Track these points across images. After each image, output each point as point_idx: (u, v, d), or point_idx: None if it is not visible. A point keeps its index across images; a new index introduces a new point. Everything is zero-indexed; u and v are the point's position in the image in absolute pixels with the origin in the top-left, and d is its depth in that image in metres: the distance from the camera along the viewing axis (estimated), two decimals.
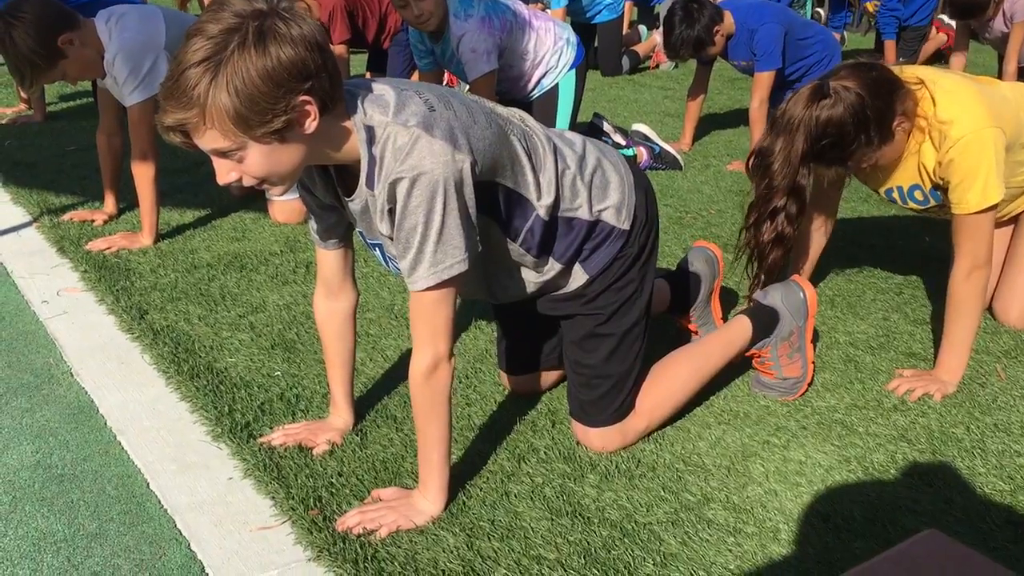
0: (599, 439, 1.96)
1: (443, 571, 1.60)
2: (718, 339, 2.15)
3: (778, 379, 2.20)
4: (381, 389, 2.18)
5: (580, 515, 1.76)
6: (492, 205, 1.71)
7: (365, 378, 2.23)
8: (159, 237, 3.06)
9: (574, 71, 3.88)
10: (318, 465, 1.88)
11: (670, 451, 1.97)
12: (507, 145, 1.68)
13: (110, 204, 3.28)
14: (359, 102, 1.57)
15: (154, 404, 2.12)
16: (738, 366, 2.24)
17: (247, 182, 1.54)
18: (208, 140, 1.46)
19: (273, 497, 1.78)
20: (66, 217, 3.23)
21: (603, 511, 1.77)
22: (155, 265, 2.87)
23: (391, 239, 1.63)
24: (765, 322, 2.17)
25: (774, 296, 2.19)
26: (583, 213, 1.82)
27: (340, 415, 2.01)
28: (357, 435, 1.98)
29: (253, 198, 3.42)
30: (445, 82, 5.51)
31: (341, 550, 1.63)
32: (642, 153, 4.06)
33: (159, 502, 1.78)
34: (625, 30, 6.90)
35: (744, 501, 1.82)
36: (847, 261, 2.98)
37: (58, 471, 1.87)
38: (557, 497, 1.81)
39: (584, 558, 1.64)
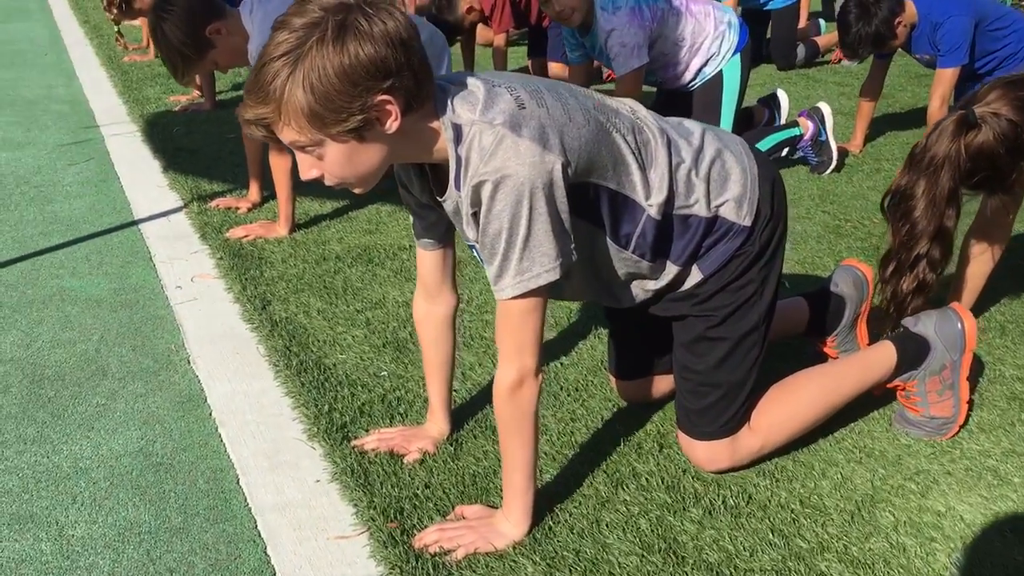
0: (705, 453, 1.80)
1: None
2: (855, 362, 1.94)
3: (924, 417, 1.96)
4: (485, 397, 2.09)
5: (674, 553, 1.61)
6: (594, 211, 1.59)
7: (471, 384, 2.16)
8: (295, 227, 3.10)
9: (738, 56, 3.65)
10: (406, 474, 1.81)
11: (787, 488, 1.79)
12: (608, 143, 1.55)
13: (255, 192, 3.35)
14: (449, 99, 1.49)
15: (259, 397, 2.11)
16: (877, 399, 2.02)
17: (328, 181, 1.49)
18: (287, 135, 1.42)
19: (356, 505, 1.73)
20: (212, 204, 3.33)
21: (701, 551, 1.62)
22: (287, 255, 2.90)
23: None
24: (913, 352, 1.94)
25: (926, 324, 1.96)
26: (700, 209, 1.67)
27: (436, 423, 1.93)
28: (451, 445, 1.91)
29: (392, 189, 3.41)
30: (606, 76, 5.38)
31: (413, 568, 1.56)
32: (808, 128, 3.78)
33: (245, 500, 1.76)
34: (803, 23, 6.54)
35: (865, 554, 1.62)
36: (1022, 279, 2.66)
37: (157, 459, 1.89)
38: (652, 531, 1.67)
39: None
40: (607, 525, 1.68)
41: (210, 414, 2.05)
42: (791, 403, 1.85)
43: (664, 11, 3.49)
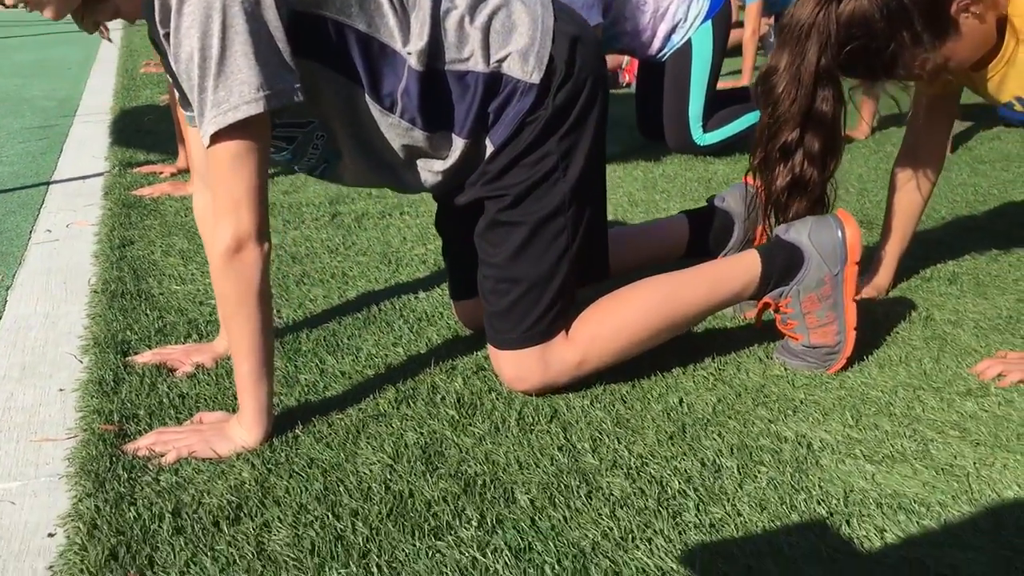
0: (512, 366, 1.51)
1: (207, 509, 1.22)
2: (706, 271, 1.62)
3: (805, 345, 1.63)
4: (307, 322, 1.84)
5: (427, 463, 1.32)
6: (344, 59, 1.35)
7: (304, 311, 1.90)
8: None
9: (709, 23, 3.34)
10: (164, 386, 1.56)
11: (606, 409, 1.48)
12: None
13: (182, 158, 3.19)
14: None
15: (59, 319, 1.90)
16: (761, 332, 1.70)
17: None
18: None
19: (85, 410, 1.49)
20: (137, 169, 3.18)
21: (460, 464, 1.32)
22: (184, 208, 2.70)
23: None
24: (782, 262, 1.61)
25: (799, 231, 1.63)
26: (476, 64, 1.41)
27: (224, 337, 1.69)
28: None
29: None
30: (624, 81, 5.08)
31: (104, 469, 1.30)
32: None
33: None
34: None
35: (663, 472, 1.30)
36: (996, 239, 2.29)
37: None
38: (416, 443, 1.38)
39: (396, 521, 1.21)
40: (368, 437, 1.40)
41: None
42: (621, 312, 1.55)
43: None
